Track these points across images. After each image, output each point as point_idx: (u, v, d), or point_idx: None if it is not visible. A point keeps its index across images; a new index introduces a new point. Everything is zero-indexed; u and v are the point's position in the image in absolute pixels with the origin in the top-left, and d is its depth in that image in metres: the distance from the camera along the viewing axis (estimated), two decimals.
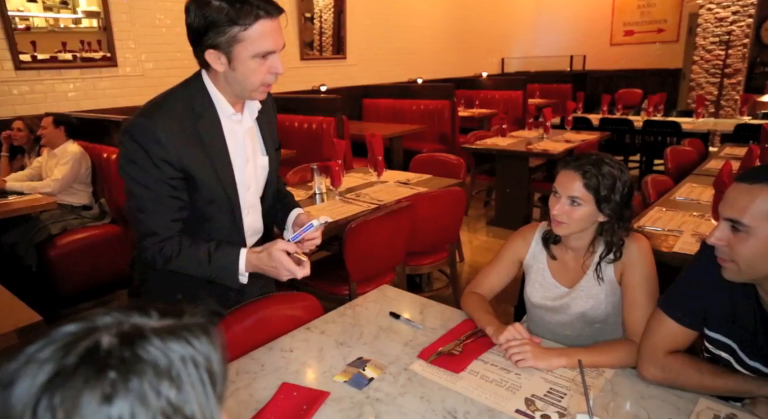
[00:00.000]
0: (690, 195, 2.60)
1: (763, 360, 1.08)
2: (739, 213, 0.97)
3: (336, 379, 1.21)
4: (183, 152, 1.24)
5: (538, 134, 4.74)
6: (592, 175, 1.28)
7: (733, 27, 6.92)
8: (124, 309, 0.45)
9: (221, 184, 1.33)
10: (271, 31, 1.19)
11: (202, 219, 1.35)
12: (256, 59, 1.20)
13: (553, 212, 1.34)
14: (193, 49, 1.23)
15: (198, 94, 1.28)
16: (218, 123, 1.30)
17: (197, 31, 1.18)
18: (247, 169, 1.39)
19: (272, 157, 1.48)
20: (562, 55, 9.21)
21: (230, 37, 1.16)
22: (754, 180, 0.97)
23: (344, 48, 6.30)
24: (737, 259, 0.99)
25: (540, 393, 1.14)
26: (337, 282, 2.45)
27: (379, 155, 2.99)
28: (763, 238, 0.95)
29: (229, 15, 1.14)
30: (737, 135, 4.57)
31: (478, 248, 4.20)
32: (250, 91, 1.27)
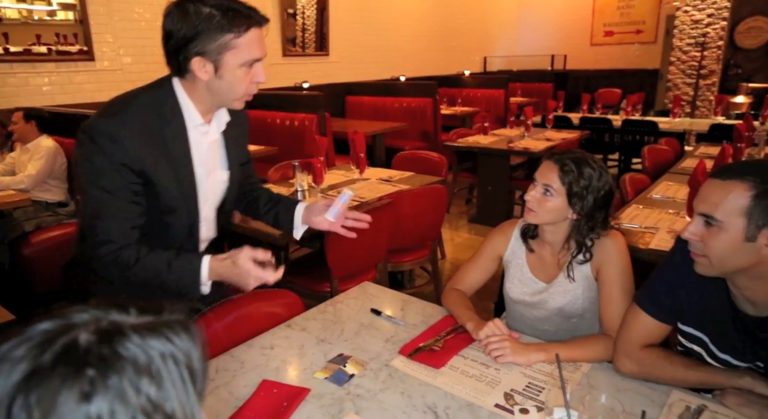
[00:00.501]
0: (666, 193, 2.66)
1: (733, 352, 1.11)
2: (712, 208, 0.99)
3: (317, 376, 1.21)
4: (146, 158, 1.19)
5: (520, 132, 4.79)
6: (570, 170, 1.30)
7: (708, 29, 7.07)
8: (102, 306, 0.44)
9: (182, 194, 1.28)
10: (259, 39, 1.18)
11: (157, 228, 1.29)
12: (244, 68, 1.18)
13: (526, 198, 1.38)
14: (172, 56, 1.17)
15: (167, 100, 1.23)
16: (185, 133, 1.26)
17: (183, 38, 1.12)
18: (207, 181, 1.35)
19: (235, 172, 1.43)
20: (544, 55, 9.31)
21: (221, 45, 1.13)
22: (728, 176, 0.99)
23: (327, 45, 6.27)
24: (709, 253, 1.01)
25: (519, 388, 1.16)
26: (318, 279, 2.45)
27: (362, 152, 2.99)
28: (734, 233, 0.97)
29: (221, 22, 1.11)
30: (712, 135, 4.68)
31: (459, 245, 4.23)
32: (232, 100, 1.24)
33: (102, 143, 1.15)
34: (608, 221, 1.37)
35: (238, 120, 1.40)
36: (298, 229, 1.53)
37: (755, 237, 0.96)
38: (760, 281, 1.01)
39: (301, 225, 1.52)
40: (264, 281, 1.23)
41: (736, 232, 0.97)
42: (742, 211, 0.96)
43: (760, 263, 0.98)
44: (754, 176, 0.96)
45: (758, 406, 1.03)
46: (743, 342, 1.08)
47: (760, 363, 1.08)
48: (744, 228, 0.96)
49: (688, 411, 1.06)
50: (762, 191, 0.95)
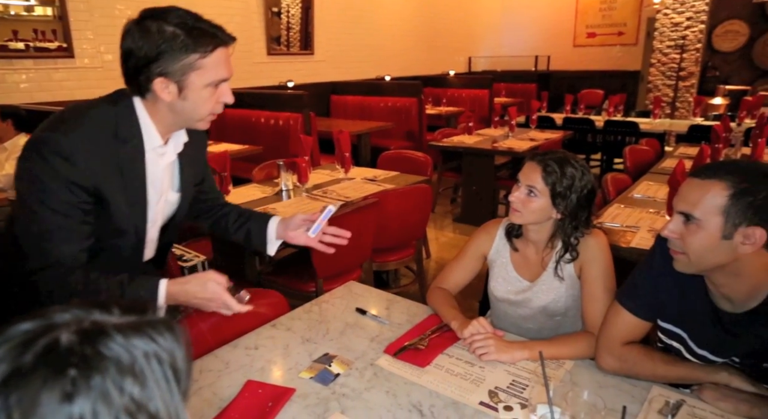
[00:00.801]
0: (647, 193, 2.70)
1: (710, 348, 1.14)
2: (691, 207, 1.02)
3: (302, 376, 1.21)
4: (99, 178, 1.12)
5: (504, 132, 4.82)
6: (553, 171, 1.32)
7: (687, 32, 7.20)
8: (84, 306, 0.44)
9: (133, 218, 1.22)
10: (226, 59, 1.14)
11: (101, 250, 1.22)
12: (209, 88, 1.14)
13: (510, 199, 1.39)
14: (132, 76, 1.12)
15: (125, 118, 1.16)
16: (142, 154, 1.19)
17: (144, 58, 1.07)
18: (158, 204, 1.29)
19: (186, 194, 1.37)
20: (528, 56, 9.40)
21: (185, 65, 1.09)
22: (707, 176, 1.02)
23: (312, 44, 6.25)
24: (688, 250, 1.04)
25: (503, 385, 1.17)
26: (303, 279, 2.44)
27: (347, 152, 2.98)
28: (711, 231, 1.00)
29: (186, 42, 1.07)
30: (691, 135, 4.77)
31: (444, 244, 4.25)
32: (196, 120, 1.19)
33: (53, 160, 1.07)
34: (591, 220, 1.39)
35: (195, 139, 1.35)
36: (272, 244, 1.48)
37: (732, 235, 0.98)
38: (737, 278, 1.04)
39: (275, 240, 1.47)
40: (229, 310, 1.18)
41: (714, 230, 0.99)
42: (719, 209, 0.98)
43: (736, 260, 1.00)
44: (731, 176, 0.99)
45: (734, 400, 1.06)
46: (720, 338, 1.11)
47: (736, 358, 1.11)
48: (721, 226, 0.99)
49: (667, 406, 1.08)
50: (739, 191, 0.97)
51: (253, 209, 2.40)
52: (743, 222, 0.97)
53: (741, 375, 1.09)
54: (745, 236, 0.97)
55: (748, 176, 0.98)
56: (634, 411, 1.07)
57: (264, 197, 2.67)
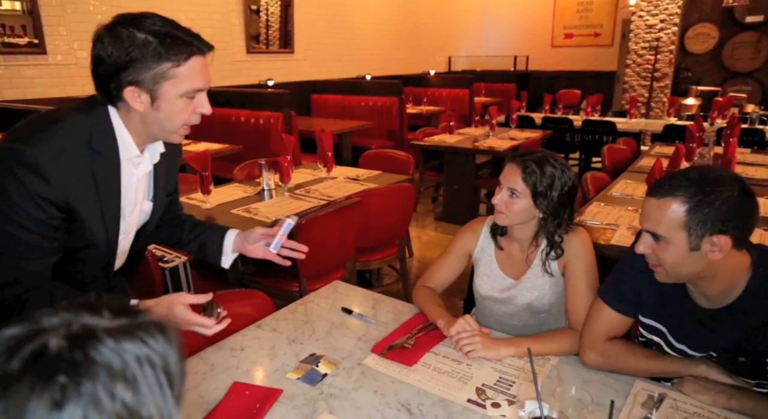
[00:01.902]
0: (625, 191, 2.75)
1: (689, 342, 1.16)
2: (655, 226, 1.05)
3: (289, 376, 1.20)
4: (71, 193, 1.06)
5: (484, 131, 4.86)
6: (533, 171, 1.33)
7: (661, 34, 7.36)
8: (73, 309, 0.42)
9: (105, 230, 1.16)
10: (202, 68, 1.09)
11: (69, 262, 1.16)
12: (184, 98, 1.08)
13: (494, 201, 1.40)
14: (102, 84, 1.07)
15: (100, 128, 1.10)
16: (117, 166, 1.13)
17: (114, 66, 1.02)
18: (132, 215, 1.24)
19: (160, 203, 1.33)
20: (507, 56, 9.49)
21: (158, 74, 1.04)
22: (661, 194, 1.04)
23: (292, 42, 6.20)
24: (663, 264, 1.08)
25: (490, 382, 1.18)
26: (286, 279, 2.42)
27: (329, 151, 2.97)
28: (679, 245, 1.03)
29: (158, 50, 1.02)
30: (666, 135, 4.87)
31: (426, 243, 4.26)
32: (170, 132, 1.14)
33: (21, 173, 1.00)
34: (573, 217, 1.41)
35: (170, 147, 1.29)
36: (227, 257, 1.44)
37: (699, 246, 1.02)
38: (712, 280, 1.08)
39: (231, 253, 1.44)
40: (202, 331, 1.15)
41: (681, 244, 1.03)
42: (681, 225, 1.02)
43: (709, 265, 1.04)
44: (684, 191, 1.01)
45: (712, 392, 1.09)
46: (698, 333, 1.14)
47: (714, 352, 1.13)
48: (687, 240, 1.02)
49: (651, 400, 1.10)
50: (694, 204, 1.00)
51: (236, 209, 2.41)
52: (706, 232, 1.00)
53: (718, 368, 1.12)
54: (712, 244, 1.01)
55: (700, 188, 1.00)
56: (619, 405, 1.09)
57: (246, 197, 2.64)
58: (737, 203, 0.99)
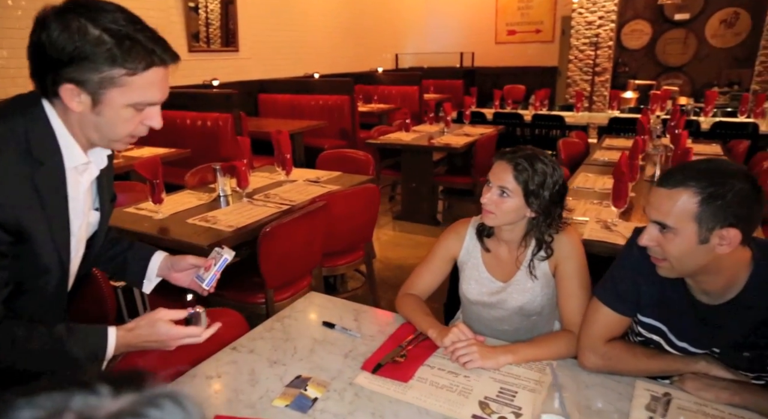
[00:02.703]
0: (586, 184, 2.79)
1: (691, 340, 1.15)
2: (664, 216, 1.02)
3: (275, 404, 1.09)
4: (18, 211, 0.92)
5: (439, 128, 4.85)
6: (524, 168, 1.28)
7: (600, 30, 7.65)
8: (60, 387, 0.31)
9: (57, 252, 1.01)
10: (161, 81, 0.95)
11: (20, 295, 1.00)
12: (131, 109, 0.94)
13: (482, 201, 1.33)
14: (38, 74, 0.92)
15: (39, 131, 0.94)
16: (62, 175, 0.99)
17: (56, 58, 0.87)
18: (80, 231, 1.09)
19: (106, 212, 1.18)
20: (453, 52, 9.57)
21: (106, 79, 0.89)
22: (673, 184, 1.02)
23: (236, 40, 5.96)
24: (668, 257, 1.05)
25: (492, 395, 1.12)
26: (250, 290, 2.29)
27: (287, 153, 2.84)
28: (688, 237, 1.01)
29: (113, 53, 0.87)
30: (611, 127, 5.04)
31: (386, 243, 4.19)
32: (111, 140, 1.00)
33: None
34: (562, 216, 1.37)
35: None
36: (150, 281, 1.31)
37: (708, 239, 1.00)
38: (716, 275, 1.06)
39: (155, 277, 1.31)
40: (193, 341, 1.07)
41: (690, 236, 1.00)
42: (691, 217, 0.99)
43: (715, 259, 1.02)
44: (697, 182, 0.99)
45: (714, 389, 1.07)
46: (700, 330, 1.13)
47: (717, 349, 1.12)
48: (696, 232, 1.00)
49: (656, 401, 1.08)
50: (707, 196, 0.98)
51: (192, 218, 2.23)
52: (716, 225, 0.98)
53: (719, 364, 1.11)
54: (721, 237, 0.99)
55: (713, 179, 0.99)
56: (624, 408, 1.06)
57: (201, 204, 2.47)
58: (749, 198, 0.97)
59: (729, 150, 3.70)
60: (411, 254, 3.95)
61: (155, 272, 1.30)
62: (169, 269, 1.30)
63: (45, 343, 0.96)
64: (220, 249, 1.21)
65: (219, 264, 1.19)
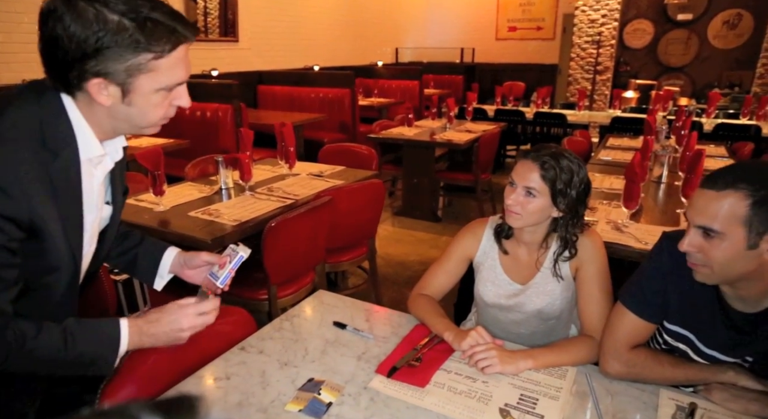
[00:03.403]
0: (593, 184, 2.73)
1: (721, 349, 1.12)
2: (710, 220, 0.97)
3: (288, 408, 1.05)
4: (32, 205, 0.87)
5: (442, 124, 4.80)
6: (551, 167, 1.24)
7: (603, 29, 7.61)
8: None
9: (70, 248, 0.97)
10: (184, 58, 0.92)
11: (23, 292, 0.95)
12: (162, 92, 0.91)
13: (507, 202, 1.29)
14: (58, 72, 0.86)
15: (55, 122, 0.90)
16: (77, 167, 0.94)
17: (77, 52, 0.81)
18: (93, 225, 1.05)
19: (119, 206, 1.15)
20: (453, 48, 9.51)
21: (133, 66, 0.85)
22: (721, 186, 0.97)
23: (236, 30, 5.87)
24: (711, 264, 1.00)
25: (513, 401, 1.08)
26: (252, 286, 2.23)
27: (291, 146, 2.78)
28: (735, 242, 0.96)
29: (136, 38, 0.82)
30: (612, 126, 5.01)
31: (386, 239, 4.15)
32: (143, 127, 0.97)
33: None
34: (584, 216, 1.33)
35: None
36: (162, 278, 1.28)
37: (757, 244, 0.95)
38: (757, 282, 1.02)
39: (167, 274, 1.28)
40: (204, 320, 1.06)
41: (738, 241, 0.95)
42: (741, 220, 0.94)
43: (760, 266, 0.97)
44: (747, 184, 0.94)
45: (743, 400, 1.04)
46: (732, 338, 1.09)
47: (750, 357, 1.09)
48: (745, 237, 0.95)
49: (681, 411, 1.04)
50: (759, 199, 0.93)
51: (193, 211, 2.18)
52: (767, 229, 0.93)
53: (748, 374, 1.08)
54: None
55: (764, 182, 0.94)
56: (650, 417, 1.03)
57: (202, 197, 2.42)
58: None
59: (734, 152, 3.68)
60: (412, 250, 3.91)
61: (167, 269, 1.27)
62: (181, 266, 1.26)
63: (56, 339, 0.92)
64: (235, 246, 1.16)
65: (234, 262, 1.14)
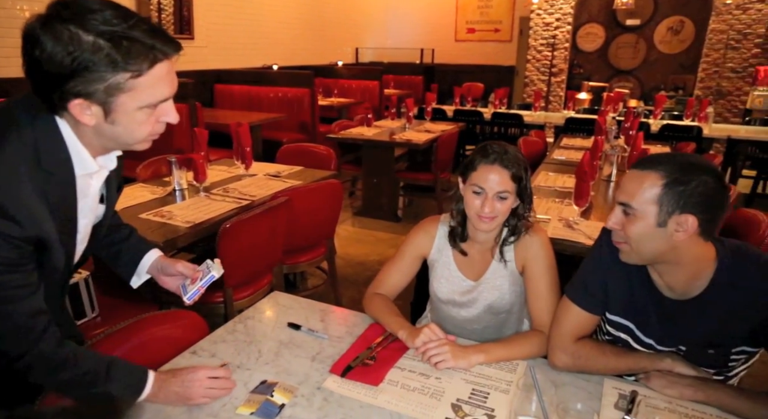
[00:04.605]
0: (546, 183, 2.83)
1: (656, 337, 1.17)
2: (629, 197, 1.06)
3: (240, 412, 1.03)
4: (40, 225, 0.90)
5: (401, 124, 4.83)
6: (513, 165, 1.27)
7: (557, 32, 7.83)
8: None
9: (64, 255, 1.00)
10: (167, 74, 0.89)
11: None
12: (146, 109, 0.90)
13: (484, 210, 1.27)
14: (42, 92, 0.87)
15: (49, 142, 0.90)
16: (73, 184, 0.96)
17: (56, 73, 0.81)
18: (87, 228, 1.08)
19: (112, 202, 1.15)
20: (413, 48, 9.59)
21: (112, 86, 0.84)
22: (644, 167, 1.06)
23: (191, 28, 5.73)
24: (628, 240, 1.08)
25: (464, 396, 1.10)
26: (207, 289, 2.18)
27: (247, 146, 2.74)
28: (647, 220, 1.04)
29: (112, 57, 0.81)
30: (567, 127, 5.17)
31: (346, 239, 4.15)
32: (131, 144, 0.96)
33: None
34: None
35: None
36: (140, 276, 1.29)
37: (666, 223, 1.03)
38: (677, 267, 1.09)
39: (145, 274, 1.29)
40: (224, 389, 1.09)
41: (650, 218, 1.04)
42: (654, 199, 1.03)
43: (674, 248, 1.05)
44: (666, 166, 1.03)
45: (678, 386, 1.10)
46: (665, 327, 1.15)
47: (683, 346, 1.15)
48: (656, 215, 1.03)
49: (623, 399, 1.09)
50: (672, 180, 1.01)
51: (145, 213, 2.11)
52: (675, 210, 1.02)
53: (684, 361, 1.14)
54: (678, 223, 1.02)
55: (682, 168, 1.02)
56: (595, 407, 1.07)
57: (155, 198, 2.35)
58: (712, 191, 1.00)
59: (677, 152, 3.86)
60: (372, 250, 3.92)
61: (146, 269, 1.27)
62: (158, 271, 1.27)
63: (95, 363, 0.98)
64: (212, 262, 1.16)
65: (204, 280, 1.14)
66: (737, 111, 7.05)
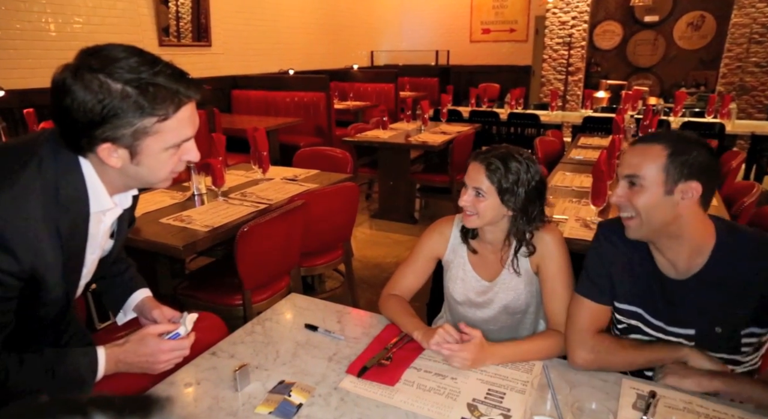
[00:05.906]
0: (563, 183, 2.81)
1: (664, 318, 1.19)
2: (635, 169, 1.11)
3: (259, 411, 1.05)
4: (38, 259, 0.90)
5: (416, 126, 4.84)
6: (496, 168, 1.27)
7: (573, 30, 7.76)
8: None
9: (66, 287, 1.01)
10: (191, 116, 0.93)
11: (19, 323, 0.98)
12: (170, 150, 0.93)
13: (460, 203, 1.33)
14: (70, 138, 0.90)
15: (69, 179, 0.92)
16: (86, 220, 0.98)
17: (86, 121, 0.85)
18: (94, 262, 1.10)
19: (121, 237, 1.17)
20: (428, 50, 9.59)
21: (139, 130, 0.88)
22: (647, 141, 1.13)
23: (209, 35, 5.82)
24: (637, 211, 1.11)
25: (480, 397, 1.11)
26: (227, 292, 2.23)
27: (264, 151, 2.78)
28: (655, 188, 1.09)
29: (139, 104, 0.85)
30: (584, 126, 5.11)
31: (364, 242, 4.17)
32: (153, 183, 1.00)
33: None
34: (544, 213, 1.36)
35: None
36: (127, 314, 1.29)
37: (672, 191, 1.08)
38: (679, 240, 1.12)
39: (131, 312, 1.29)
40: (180, 354, 1.07)
41: (657, 187, 1.09)
42: (659, 168, 1.08)
43: (678, 217, 1.09)
44: (666, 138, 1.11)
45: (696, 377, 1.10)
46: (669, 310, 1.17)
47: (691, 329, 1.17)
48: (663, 183, 1.08)
49: (642, 399, 1.08)
50: (675, 150, 1.08)
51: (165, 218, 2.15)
52: (681, 178, 1.07)
53: (699, 353, 1.15)
54: (683, 191, 1.07)
55: (680, 140, 1.10)
56: (612, 407, 1.06)
57: (175, 203, 2.40)
58: (708, 160, 1.08)
59: None
60: (389, 252, 3.93)
61: (132, 307, 1.28)
62: (141, 311, 1.27)
63: (37, 372, 0.95)
64: (188, 315, 1.12)
65: (170, 336, 1.08)
66: (762, 107, 6.90)
